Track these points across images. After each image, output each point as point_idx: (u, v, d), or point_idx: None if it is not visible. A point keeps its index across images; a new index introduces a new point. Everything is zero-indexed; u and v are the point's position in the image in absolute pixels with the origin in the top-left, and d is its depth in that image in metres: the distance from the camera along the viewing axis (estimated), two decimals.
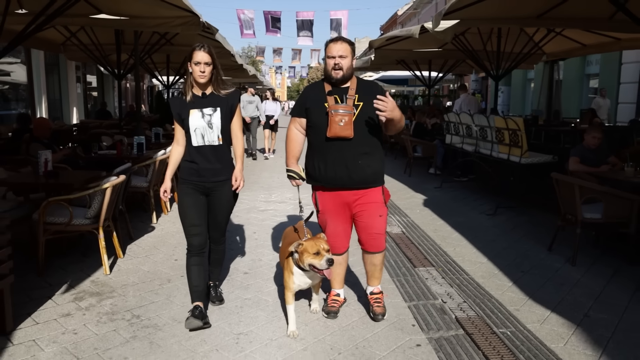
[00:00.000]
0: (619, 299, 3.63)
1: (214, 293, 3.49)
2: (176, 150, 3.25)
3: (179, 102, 3.21)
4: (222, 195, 3.23)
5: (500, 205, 6.27)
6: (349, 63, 3.09)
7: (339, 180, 3.13)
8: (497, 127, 6.33)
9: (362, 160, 3.10)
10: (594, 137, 5.12)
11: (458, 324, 3.23)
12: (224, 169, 3.21)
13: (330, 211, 3.23)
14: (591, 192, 4.24)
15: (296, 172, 3.23)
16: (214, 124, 3.14)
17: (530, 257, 4.57)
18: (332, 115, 3.04)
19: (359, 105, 3.10)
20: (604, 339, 3.04)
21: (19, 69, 14.50)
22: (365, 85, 3.21)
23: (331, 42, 3.13)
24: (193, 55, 3.07)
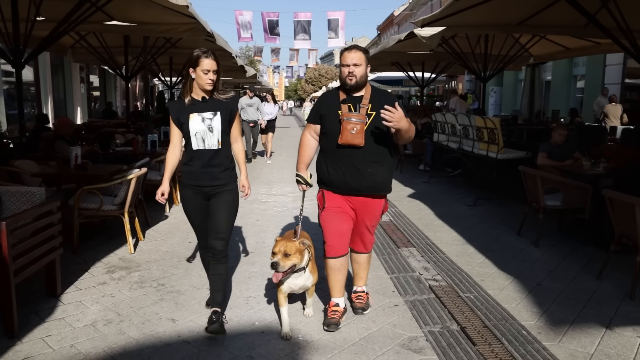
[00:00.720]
0: (569, 272, 4.31)
1: (215, 318, 3.07)
2: (173, 153, 3.29)
3: (177, 106, 3.21)
4: (222, 200, 3.22)
5: (480, 197, 6.95)
6: (362, 71, 3.17)
7: (348, 187, 3.20)
8: (477, 126, 7.02)
9: (372, 168, 3.18)
10: (560, 134, 5.80)
11: (430, 290, 3.90)
12: (223, 173, 3.23)
13: (336, 207, 3.27)
14: (551, 182, 4.92)
15: (304, 177, 3.31)
16: (215, 127, 3.14)
17: (500, 240, 5.25)
18: (345, 123, 3.11)
19: (371, 114, 3.17)
20: (550, 301, 3.71)
21: (25, 70, 15.10)
22: (379, 95, 3.28)
23: (346, 50, 3.22)
24: (200, 63, 3.05)
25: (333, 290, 3.34)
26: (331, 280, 3.32)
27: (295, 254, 3.00)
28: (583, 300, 3.73)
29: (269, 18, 21.87)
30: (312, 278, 3.19)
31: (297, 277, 3.10)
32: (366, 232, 3.35)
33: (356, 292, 3.53)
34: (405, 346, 3.05)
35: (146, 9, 6.89)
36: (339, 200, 3.26)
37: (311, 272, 3.18)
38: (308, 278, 3.15)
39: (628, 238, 3.84)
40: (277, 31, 21.46)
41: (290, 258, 2.98)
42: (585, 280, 4.11)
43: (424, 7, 28.60)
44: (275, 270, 2.94)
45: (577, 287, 3.99)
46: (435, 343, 3.07)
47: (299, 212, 3.41)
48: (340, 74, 3.27)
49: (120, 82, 22.51)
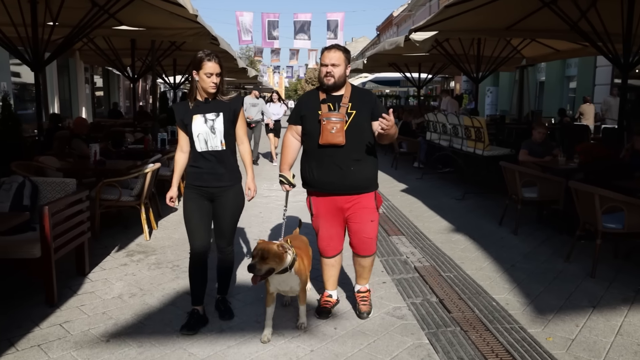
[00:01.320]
0: (541, 256, 4.82)
1: (222, 307, 3.42)
2: (180, 157, 3.34)
3: (182, 109, 3.25)
4: (226, 201, 3.26)
5: (468, 191, 7.47)
6: (341, 71, 3.18)
7: (332, 186, 3.24)
8: (465, 125, 7.54)
9: (355, 166, 3.20)
10: (539, 132, 6.32)
11: (415, 270, 4.41)
12: (228, 174, 3.24)
13: (324, 215, 3.34)
14: (528, 176, 5.43)
15: (287, 178, 3.34)
16: (217, 129, 3.17)
17: (482, 229, 5.76)
18: (325, 123, 3.14)
19: (352, 113, 3.19)
20: (521, 279, 4.22)
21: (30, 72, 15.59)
22: (359, 94, 3.30)
23: (325, 49, 3.23)
24: (203, 66, 3.08)
25: (327, 284, 3.57)
26: (325, 274, 3.55)
27: (273, 257, 2.98)
28: (550, 278, 4.24)
29: (269, 19, 22.39)
30: (299, 279, 3.17)
31: (281, 278, 3.12)
32: (363, 231, 3.32)
33: (360, 292, 3.56)
34: (390, 314, 3.56)
35: (154, 15, 7.37)
36: (326, 206, 3.32)
37: (297, 273, 3.15)
38: (294, 279, 3.15)
39: (590, 224, 4.36)
40: (275, 34, 21.93)
41: (267, 262, 2.97)
42: (555, 262, 4.63)
43: (422, 8, 29.12)
44: (252, 274, 2.96)
45: (546, 267, 4.50)
46: (415, 311, 3.59)
47: (282, 214, 3.47)
48: (319, 73, 3.26)
49: (124, 83, 23.05)
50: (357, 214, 3.31)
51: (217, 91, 3.17)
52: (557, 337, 3.22)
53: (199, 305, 3.34)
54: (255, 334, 3.21)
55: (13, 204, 3.67)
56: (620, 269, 4.43)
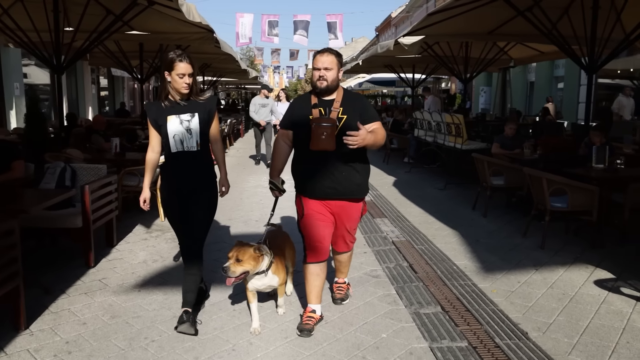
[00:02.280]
0: (503, 233, 5.64)
1: (185, 318, 3.15)
2: (151, 157, 3.30)
3: (155, 108, 3.21)
4: (199, 202, 3.25)
5: (450, 182, 8.29)
6: (333, 75, 3.19)
7: (322, 192, 3.25)
8: (446, 122, 8.35)
9: (346, 171, 3.21)
10: (510, 128, 7.13)
11: (392, 244, 5.23)
12: (203, 174, 3.26)
13: (315, 214, 3.31)
14: (496, 166, 6.24)
15: (276, 184, 3.36)
16: (193, 129, 3.16)
17: (457, 213, 6.57)
18: (315, 128, 3.10)
19: (342, 118, 3.18)
20: (481, 250, 5.03)
21: (42, 73, 16.43)
22: (350, 98, 3.30)
23: (318, 53, 3.24)
24: (175, 67, 3.07)
25: (310, 296, 3.37)
26: (309, 285, 3.37)
27: (248, 260, 3.05)
28: (506, 250, 5.05)
29: (269, 19, 23.18)
30: (277, 278, 3.28)
31: (259, 279, 3.20)
32: (346, 234, 3.46)
33: (337, 282, 3.77)
34: (367, 274, 4.37)
35: (163, 21, 8.18)
36: (317, 206, 3.30)
37: (275, 274, 3.25)
38: (272, 279, 3.25)
39: (541, 204, 5.17)
40: (275, 32, 22.68)
41: (242, 264, 3.03)
42: (513, 238, 5.44)
43: (419, 9, 29.90)
44: (225, 275, 3.03)
45: (505, 242, 5.31)
46: (388, 272, 4.40)
47: (268, 218, 3.51)
48: (311, 77, 3.26)
49: (127, 84, 23.90)
50: (342, 221, 3.37)
51: (190, 92, 3.17)
52: (501, 290, 4.03)
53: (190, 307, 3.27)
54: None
55: (57, 184, 4.48)
56: (567, 242, 5.25)
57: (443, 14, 7.65)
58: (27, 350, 3.01)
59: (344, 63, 3.55)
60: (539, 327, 3.38)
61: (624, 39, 7.24)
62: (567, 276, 4.32)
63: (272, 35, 21.88)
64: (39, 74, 16.83)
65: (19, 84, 14.57)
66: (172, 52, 3.16)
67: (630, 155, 6.90)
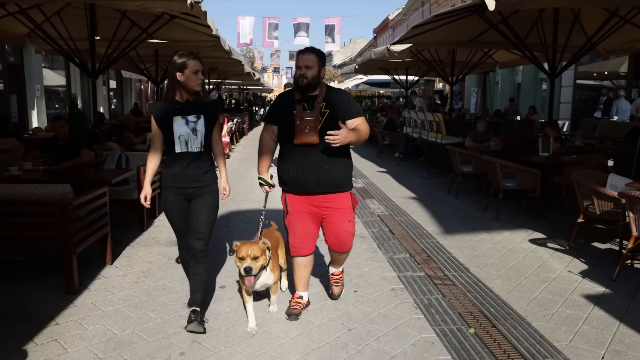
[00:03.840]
0: (469, 209, 7.03)
1: (194, 317, 3.29)
2: (154, 156, 3.42)
3: (161, 108, 3.33)
4: (202, 201, 3.35)
5: (432, 172, 9.69)
6: (314, 73, 3.34)
7: (307, 185, 3.40)
8: (429, 120, 9.75)
9: (329, 165, 3.35)
10: (481, 125, 8.53)
11: (378, 216, 6.62)
12: (205, 175, 3.35)
13: (300, 212, 3.47)
14: (465, 156, 7.63)
15: (265, 179, 3.51)
16: (198, 130, 3.27)
17: (434, 196, 7.97)
18: (299, 123, 3.27)
19: (325, 112, 3.35)
20: (448, 221, 6.41)
21: (56, 75, 17.81)
22: (334, 94, 3.46)
23: (300, 52, 3.42)
24: (188, 64, 3.18)
25: (298, 285, 3.65)
26: (296, 275, 3.63)
27: (261, 255, 3.22)
28: (467, 220, 6.44)
29: (270, 22, 24.53)
30: (273, 276, 3.45)
31: (258, 276, 3.33)
32: (340, 231, 3.52)
33: (334, 274, 3.86)
34: (356, 237, 5.75)
35: (181, 31, 9.53)
36: (301, 204, 3.48)
37: (272, 271, 3.42)
38: (269, 276, 3.40)
39: (496, 184, 6.56)
40: (275, 35, 24.01)
41: (258, 260, 3.19)
42: (476, 213, 6.84)
43: (415, 12, 31.35)
44: (249, 275, 3.16)
45: (468, 216, 6.70)
46: (372, 234, 5.79)
47: (261, 214, 3.59)
48: (294, 75, 3.46)
49: (135, 85, 25.32)
50: (333, 215, 3.49)
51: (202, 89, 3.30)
52: (456, 245, 5.40)
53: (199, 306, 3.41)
54: None
55: (117, 166, 5.85)
56: (518, 215, 6.65)
57: (425, 26, 9.05)
58: (117, 276, 4.40)
59: (342, 64, 4.92)
60: (478, 266, 4.77)
61: (580, 48, 8.67)
62: (510, 237, 5.71)
63: (272, 39, 23.27)
64: (53, 76, 18.19)
65: (40, 85, 15.92)
66: (178, 54, 3.26)
67: (582, 147, 8.33)
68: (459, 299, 3.97)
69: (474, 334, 3.38)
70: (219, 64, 15.35)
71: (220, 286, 4.25)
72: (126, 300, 3.92)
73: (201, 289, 3.41)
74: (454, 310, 3.75)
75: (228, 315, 3.68)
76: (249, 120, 21.34)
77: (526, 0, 6.16)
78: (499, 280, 4.41)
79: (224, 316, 3.66)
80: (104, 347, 3.18)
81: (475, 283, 4.32)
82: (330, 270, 3.88)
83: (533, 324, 3.53)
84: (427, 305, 3.85)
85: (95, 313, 3.68)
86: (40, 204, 3.88)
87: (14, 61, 14.81)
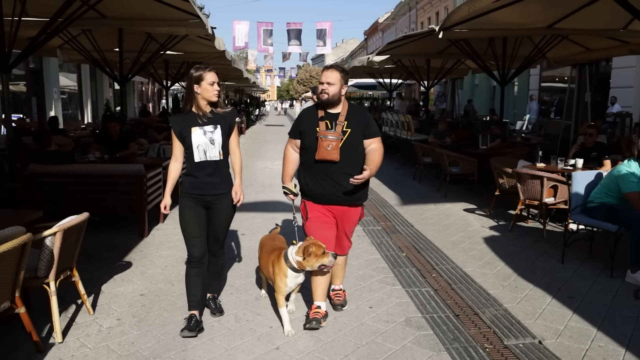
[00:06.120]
0: (427, 192, 9.21)
1: (213, 305, 3.85)
2: (174, 167, 3.61)
3: (180, 120, 3.54)
4: (221, 208, 3.59)
5: (404, 164, 11.88)
6: (335, 90, 3.55)
7: (325, 198, 3.63)
8: (402, 120, 11.94)
9: (347, 181, 3.48)
10: (442, 124, 10.73)
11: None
12: (224, 182, 3.58)
13: (318, 218, 3.70)
14: (425, 149, 9.81)
15: (289, 188, 3.74)
16: (216, 140, 3.48)
17: (401, 181, 10.14)
18: (321, 140, 3.47)
19: (347, 131, 3.54)
20: (409, 199, 8.57)
21: (67, 79, 19.76)
22: (355, 112, 3.67)
23: (325, 69, 3.64)
24: (205, 77, 3.43)
25: (316, 294, 3.75)
26: (315, 283, 3.74)
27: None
28: (423, 198, 8.62)
29: (264, 27, 26.55)
30: (303, 277, 3.67)
31: (297, 277, 3.61)
32: (344, 238, 3.81)
33: (334, 290, 4.05)
34: None
35: (191, 44, 11.55)
36: (320, 210, 3.69)
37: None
38: (303, 277, 3.65)
39: (445, 170, 8.73)
40: (270, 41, 26.01)
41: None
42: (431, 193, 9.03)
43: (403, 17, 33.59)
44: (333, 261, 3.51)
45: (425, 194, 8.89)
46: None
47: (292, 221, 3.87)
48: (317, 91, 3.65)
49: (137, 87, 27.34)
50: (342, 225, 3.77)
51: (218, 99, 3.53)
52: (408, 212, 7.55)
53: (197, 309, 3.68)
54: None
55: (157, 156, 7.94)
56: (463, 194, 8.82)
57: (398, 42, 11.23)
58: (169, 228, 6.49)
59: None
60: (420, 224, 6.92)
61: (524, 59, 10.85)
62: (450, 207, 7.89)
63: (267, 45, 25.30)
64: (64, 80, 20.18)
65: (57, 89, 17.92)
66: (197, 66, 3.52)
67: (519, 142, 10.52)
68: (401, 240, 6.12)
69: (405, 256, 5.53)
70: (220, 69, 17.43)
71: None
72: (179, 241, 6.00)
73: (219, 278, 4.02)
74: (396, 245, 5.91)
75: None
76: (246, 121, 23.45)
77: (467, 32, 8.30)
78: (431, 231, 6.57)
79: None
80: (175, 262, 5.29)
81: (415, 233, 6.49)
82: (331, 287, 4.03)
83: (445, 251, 5.70)
84: (379, 243, 5.99)
85: (163, 246, 5.81)
86: (126, 177, 5.96)
87: (34, 67, 16.77)
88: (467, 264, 5.27)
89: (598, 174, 5.38)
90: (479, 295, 4.46)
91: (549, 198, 6.25)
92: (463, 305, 4.24)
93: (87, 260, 4.98)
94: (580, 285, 4.69)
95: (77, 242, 3.83)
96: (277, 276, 3.59)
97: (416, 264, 5.29)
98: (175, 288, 4.53)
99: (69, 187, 5.96)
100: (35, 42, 6.24)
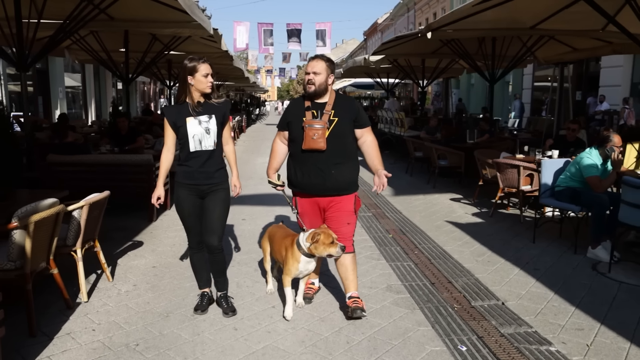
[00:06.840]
0: (418, 184, 9.78)
1: (225, 304, 3.81)
2: (167, 157, 3.66)
3: (174, 111, 3.58)
4: (216, 198, 3.64)
5: (398, 158, 12.44)
6: (322, 79, 3.57)
7: (314, 188, 3.67)
8: (395, 117, 12.51)
9: (335, 170, 3.59)
10: (433, 121, 11.30)
11: None
12: (217, 172, 3.64)
13: (307, 214, 3.81)
14: (417, 144, 10.38)
15: (273, 182, 3.86)
16: (211, 129, 3.53)
17: (395, 175, 10.61)
18: (307, 129, 3.52)
19: (334, 120, 3.57)
20: (400, 190, 9.14)
21: (70, 79, 20.37)
22: (342, 102, 3.71)
23: (311, 59, 3.65)
24: (199, 68, 3.46)
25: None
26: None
27: None
28: (414, 189, 9.18)
29: (265, 28, 27.14)
30: (314, 261, 3.74)
31: (309, 262, 3.70)
32: (343, 230, 3.71)
33: (352, 297, 3.80)
34: None
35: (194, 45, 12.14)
36: (309, 205, 3.80)
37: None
38: (314, 263, 3.74)
39: (434, 163, 9.30)
40: (270, 42, 26.60)
41: None
42: (421, 184, 9.60)
43: (401, 17, 34.18)
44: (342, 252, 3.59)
45: (415, 186, 9.46)
46: None
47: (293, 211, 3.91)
48: (303, 82, 3.70)
49: (139, 86, 27.95)
50: (334, 216, 3.74)
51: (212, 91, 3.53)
52: (399, 202, 8.12)
53: (207, 287, 3.91)
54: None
55: None
56: (451, 185, 9.38)
57: (391, 43, 11.80)
58: (162, 227, 7.06)
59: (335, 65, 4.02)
60: (409, 211, 7.49)
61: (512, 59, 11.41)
62: (437, 197, 8.46)
63: (268, 45, 25.90)
64: (69, 80, 20.78)
65: (62, 88, 18.52)
66: (191, 57, 3.54)
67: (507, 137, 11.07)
68: (389, 224, 6.69)
69: (391, 237, 6.10)
70: (221, 69, 18.06)
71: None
72: None
73: (224, 275, 3.93)
74: (383, 228, 6.48)
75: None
76: (246, 119, 24.04)
77: (454, 33, 8.87)
78: (418, 217, 7.15)
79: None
80: (182, 242, 5.86)
81: (402, 218, 7.06)
82: (347, 295, 3.84)
83: (428, 233, 6.27)
84: (368, 227, 6.55)
85: (170, 229, 6.40)
86: (137, 166, 6.53)
87: (40, 67, 17.34)
88: (447, 244, 5.84)
89: (566, 161, 5.95)
90: (455, 268, 5.03)
91: (526, 186, 6.81)
92: (439, 276, 4.82)
93: (101, 239, 5.54)
94: (547, 259, 5.26)
95: (99, 216, 4.41)
96: (290, 260, 3.67)
97: (401, 244, 5.86)
98: (183, 262, 5.12)
99: (85, 175, 6.54)
100: (52, 42, 6.81)
